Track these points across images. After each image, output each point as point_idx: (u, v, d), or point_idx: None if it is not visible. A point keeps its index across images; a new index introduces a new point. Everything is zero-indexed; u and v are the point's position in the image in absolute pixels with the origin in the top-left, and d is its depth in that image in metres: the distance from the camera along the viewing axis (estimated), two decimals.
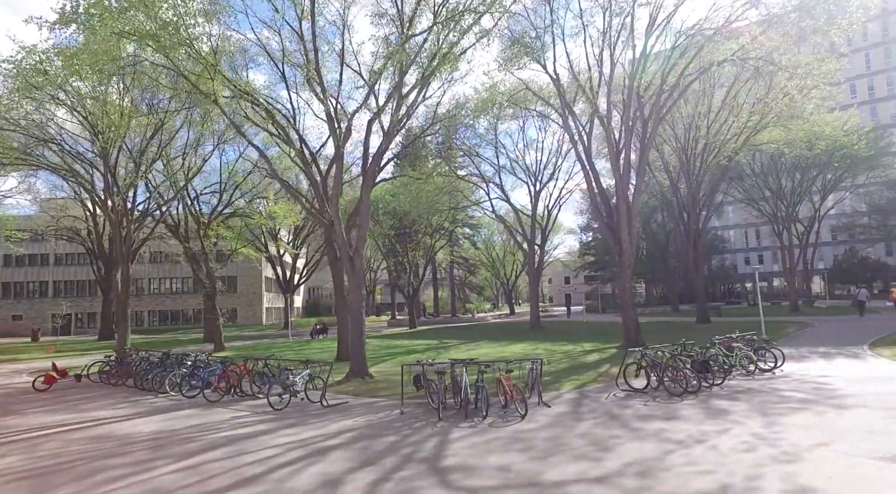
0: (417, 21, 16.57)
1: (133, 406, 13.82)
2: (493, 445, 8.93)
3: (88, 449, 9.54)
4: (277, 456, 8.67)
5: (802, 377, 14.46)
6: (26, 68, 17.37)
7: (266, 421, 11.33)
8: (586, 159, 23.72)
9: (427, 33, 15.98)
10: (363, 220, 17.32)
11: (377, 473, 7.65)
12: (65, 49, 15.25)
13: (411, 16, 16.41)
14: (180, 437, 10.19)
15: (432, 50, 17.19)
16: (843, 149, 31.33)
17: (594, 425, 10.05)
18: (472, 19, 14.65)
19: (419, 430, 10.17)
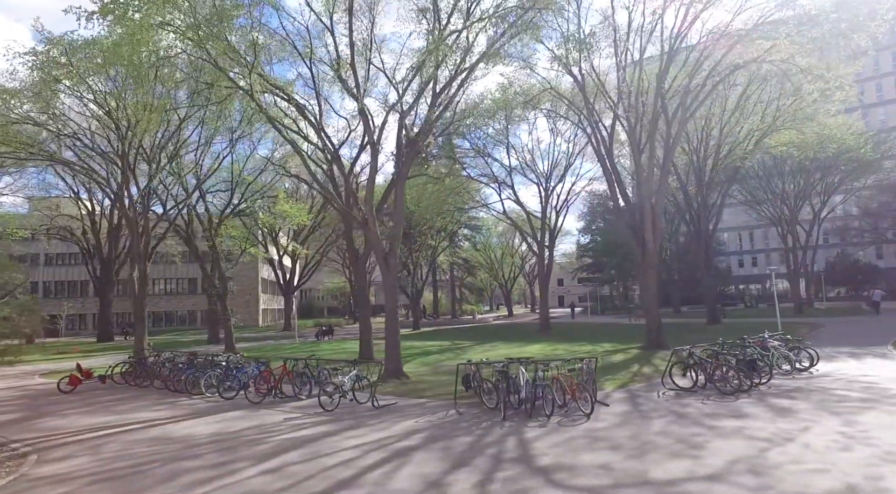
0: (455, 17, 16.39)
1: (172, 407, 13.42)
2: (577, 444, 8.78)
3: (154, 451, 9.19)
4: (359, 459, 8.41)
5: (844, 376, 14.50)
6: (49, 61, 16.81)
7: (323, 423, 11.04)
8: (608, 160, 23.74)
9: (464, 30, 15.81)
10: (397, 220, 17.08)
11: (476, 474, 7.45)
12: (100, 40, 14.77)
13: (450, 12, 16.24)
14: (244, 439, 9.87)
15: (465, 47, 17.05)
16: (848, 152, 31.88)
17: (667, 423, 9.94)
18: (518, 15, 14.51)
19: (489, 430, 9.98)
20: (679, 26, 20.01)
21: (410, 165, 17.98)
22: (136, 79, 14.67)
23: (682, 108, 21.14)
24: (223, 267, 28.43)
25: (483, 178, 35.01)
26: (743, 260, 75.36)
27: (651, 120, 21.58)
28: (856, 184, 42.20)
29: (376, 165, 17.45)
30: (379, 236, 17.23)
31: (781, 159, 34.87)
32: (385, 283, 17.03)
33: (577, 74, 22.51)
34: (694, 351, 14.05)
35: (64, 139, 21.11)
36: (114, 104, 19.31)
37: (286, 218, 30.72)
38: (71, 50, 16.64)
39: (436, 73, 17.33)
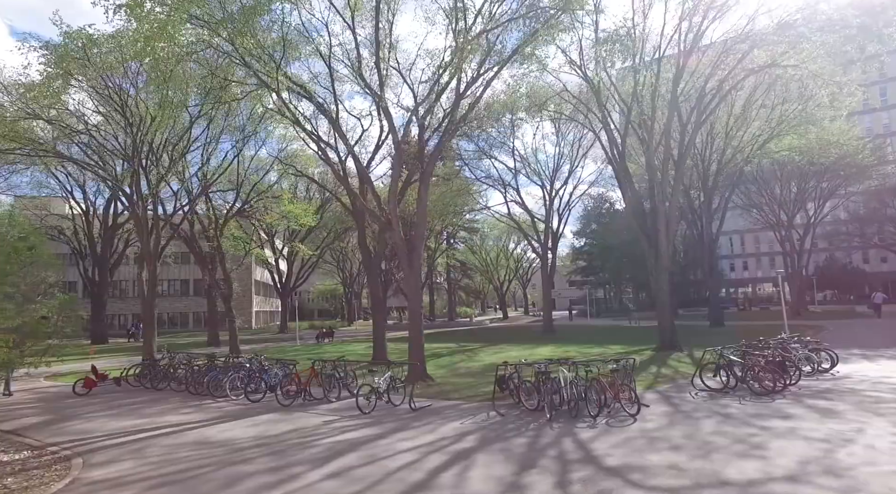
0: (481, 17, 16.31)
1: (200, 410, 13.11)
2: (636, 445, 8.72)
3: (201, 455, 8.93)
4: (421, 461, 8.25)
5: (867, 378, 14.62)
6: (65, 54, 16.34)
7: (365, 425, 10.85)
8: (620, 163, 23.85)
9: (493, 29, 15.75)
10: (421, 220, 16.94)
11: (549, 475, 7.35)
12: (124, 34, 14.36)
13: (478, 10, 16.15)
14: (290, 443, 9.64)
15: (486, 47, 17.01)
16: (848, 157, 32.49)
17: (716, 424, 9.92)
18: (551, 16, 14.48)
19: (539, 431, 9.89)
20: (696, 31, 20.16)
21: (434, 165, 17.84)
22: (162, 74, 14.27)
23: (697, 112, 21.34)
24: (229, 268, 27.95)
25: (488, 180, 35.04)
26: (734, 263, 76.28)
27: (666, 123, 21.72)
28: (850, 189, 42.95)
29: (400, 165, 17.30)
30: (402, 237, 17.04)
31: (781, 163, 35.38)
32: (409, 284, 16.86)
33: (592, 77, 22.59)
34: (725, 353, 14.14)
35: (76, 136, 20.56)
36: (128, 101, 18.85)
37: (292, 218, 30.39)
38: (90, 43, 16.24)
39: (460, 74, 17.25)
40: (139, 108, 19.68)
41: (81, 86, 18.76)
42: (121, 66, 17.99)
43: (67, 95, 19.06)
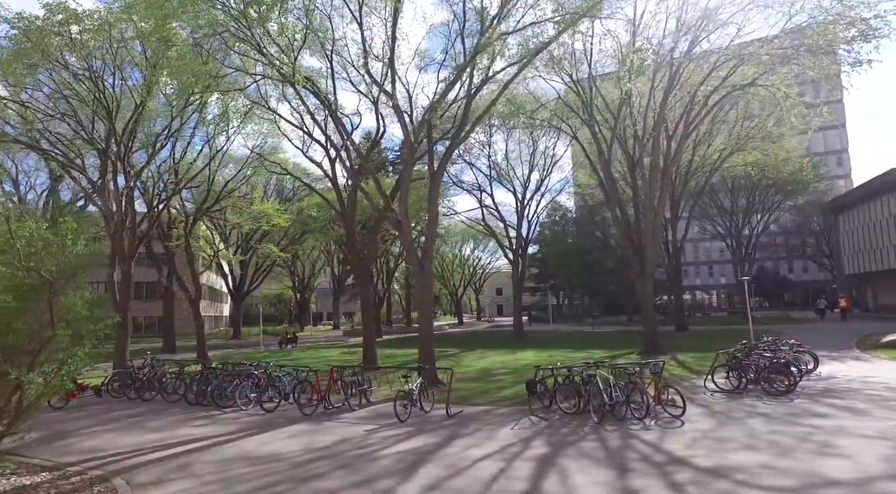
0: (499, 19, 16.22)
1: (215, 422, 12.07)
2: (707, 445, 8.81)
3: (261, 472, 8.15)
4: (510, 469, 7.93)
5: (853, 377, 15.51)
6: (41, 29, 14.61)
7: (415, 433, 10.36)
8: (604, 172, 24.47)
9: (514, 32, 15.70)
10: (431, 221, 16.55)
11: (654, 477, 7.26)
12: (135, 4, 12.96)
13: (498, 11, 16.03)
14: (351, 455, 9.01)
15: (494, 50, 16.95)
16: (795, 173, 35.05)
17: (765, 423, 10.19)
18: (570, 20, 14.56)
19: (599, 434, 9.80)
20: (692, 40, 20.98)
21: (445, 167, 17.51)
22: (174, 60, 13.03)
23: (685, 124, 22.28)
24: (196, 270, 26.16)
25: (463, 185, 34.98)
26: (686, 270, 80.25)
27: (655, 133, 22.50)
28: (788, 203, 46.33)
29: (412, 165, 16.84)
30: (412, 238, 16.56)
31: (734, 177, 37.63)
32: (420, 286, 16.39)
33: (583, 88, 23.06)
34: (737, 355, 14.71)
35: (48, 122, 18.45)
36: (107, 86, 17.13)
37: (263, 219, 29.04)
38: (75, 19, 14.65)
39: (472, 74, 17.09)
40: (116, 95, 18.03)
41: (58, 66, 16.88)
42: (105, 47, 16.38)
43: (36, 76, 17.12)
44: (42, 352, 5.15)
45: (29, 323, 5.11)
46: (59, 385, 5.48)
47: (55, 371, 5.33)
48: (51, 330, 5.25)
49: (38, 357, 5.12)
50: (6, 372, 4.84)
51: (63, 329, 5.57)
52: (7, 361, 4.89)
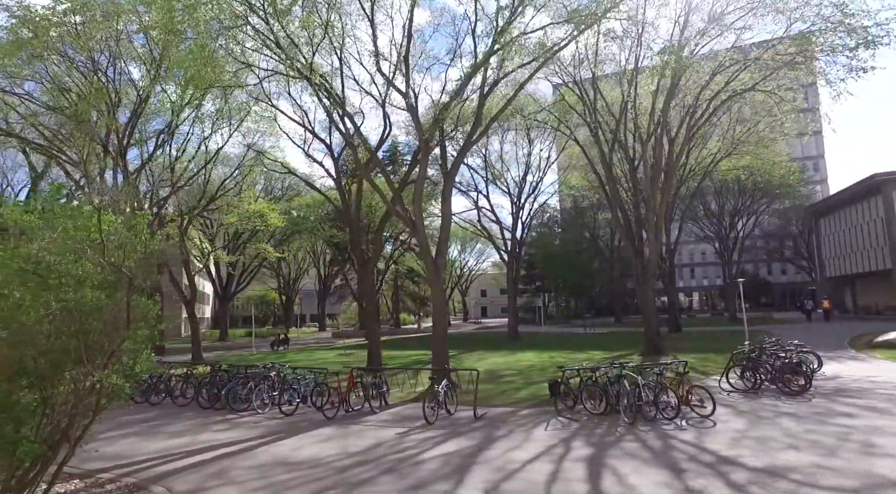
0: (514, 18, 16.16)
1: (235, 426, 11.72)
2: (750, 445, 8.83)
3: (306, 477, 7.90)
4: (562, 472, 7.84)
5: (857, 377, 15.83)
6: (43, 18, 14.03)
7: (449, 436, 10.19)
8: (606, 174, 24.64)
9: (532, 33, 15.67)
10: (445, 222, 16.40)
11: (711, 478, 7.23)
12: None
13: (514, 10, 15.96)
14: (391, 459, 8.80)
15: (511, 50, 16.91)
16: (783, 177, 35.88)
17: (797, 422, 10.28)
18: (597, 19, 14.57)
19: (636, 434, 9.77)
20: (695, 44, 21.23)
21: (459, 165, 17.37)
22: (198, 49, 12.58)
23: (687, 127, 22.57)
24: (190, 271, 25.52)
25: (460, 186, 34.91)
26: None
27: (658, 136, 22.74)
28: (773, 207, 47.38)
29: (426, 164, 16.66)
30: (427, 239, 16.39)
31: (723, 181, 38.33)
32: (434, 288, 16.22)
33: (585, 89, 23.18)
34: (752, 355, 14.88)
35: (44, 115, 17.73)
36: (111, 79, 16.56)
37: (256, 218, 28.52)
38: (81, 9, 14.10)
39: (485, 74, 17.01)
40: (118, 89, 17.46)
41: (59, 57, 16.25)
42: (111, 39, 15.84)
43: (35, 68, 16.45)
44: (115, 353, 4.86)
45: (105, 322, 4.82)
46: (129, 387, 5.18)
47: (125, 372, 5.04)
48: (126, 330, 4.96)
49: (111, 358, 4.82)
50: (90, 373, 4.56)
51: (140, 329, 5.27)
52: (90, 362, 4.59)
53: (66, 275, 4.74)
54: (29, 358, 4.44)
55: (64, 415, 4.69)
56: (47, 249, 4.79)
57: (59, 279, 4.72)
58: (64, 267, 4.76)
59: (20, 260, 4.66)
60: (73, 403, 4.65)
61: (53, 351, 4.55)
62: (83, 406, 4.73)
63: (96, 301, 4.62)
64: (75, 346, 4.57)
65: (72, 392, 4.67)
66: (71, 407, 4.67)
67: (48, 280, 4.69)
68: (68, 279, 4.73)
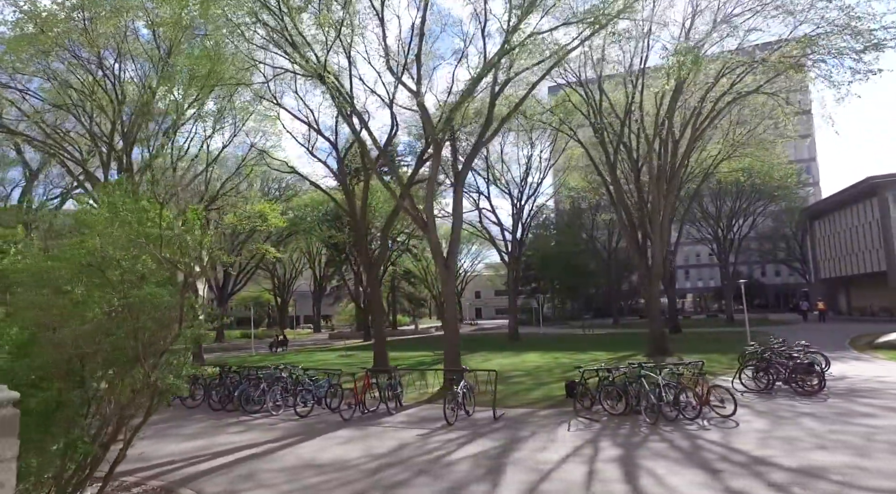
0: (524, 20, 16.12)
1: (251, 428, 11.54)
2: (777, 445, 8.80)
3: (338, 480, 7.76)
4: (599, 472, 7.76)
5: (866, 377, 15.98)
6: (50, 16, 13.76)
7: (472, 437, 10.08)
8: (611, 176, 24.68)
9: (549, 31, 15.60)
10: (457, 222, 16.31)
11: (747, 478, 7.19)
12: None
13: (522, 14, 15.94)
14: (420, 460, 8.69)
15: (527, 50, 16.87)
16: (782, 179, 36.16)
17: (821, 423, 10.27)
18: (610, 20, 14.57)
19: (661, 434, 9.72)
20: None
21: (471, 165, 17.29)
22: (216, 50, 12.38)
23: (692, 128, 22.65)
24: None
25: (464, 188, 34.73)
26: None
27: (664, 137, 22.80)
28: (771, 209, 47.74)
29: (438, 163, 16.55)
30: (439, 239, 16.28)
31: (721, 182, 38.53)
32: (446, 288, 16.12)
33: (590, 90, 23.20)
34: (766, 355, 14.91)
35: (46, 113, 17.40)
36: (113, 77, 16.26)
37: (257, 219, 28.27)
38: (90, 4, 13.84)
39: (496, 74, 16.95)
40: (124, 86, 17.19)
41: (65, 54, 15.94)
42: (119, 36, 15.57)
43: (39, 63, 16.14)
44: (166, 352, 4.72)
45: (160, 320, 4.67)
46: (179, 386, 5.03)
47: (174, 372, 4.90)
48: (178, 329, 4.82)
49: (161, 357, 4.68)
50: (147, 373, 4.41)
51: (191, 327, 5.12)
52: (145, 361, 4.44)
53: (129, 271, 4.59)
54: (82, 356, 4.29)
55: (114, 415, 4.54)
56: (113, 243, 4.64)
57: (121, 275, 4.58)
58: (127, 263, 4.62)
59: (85, 254, 4.51)
60: (125, 403, 4.50)
61: (108, 350, 4.41)
62: (134, 405, 4.58)
63: (159, 298, 4.48)
64: (132, 345, 4.43)
65: (122, 391, 4.52)
66: (122, 408, 4.52)
67: (110, 276, 4.54)
68: (130, 275, 4.58)
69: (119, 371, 4.54)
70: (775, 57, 19.36)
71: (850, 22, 18.81)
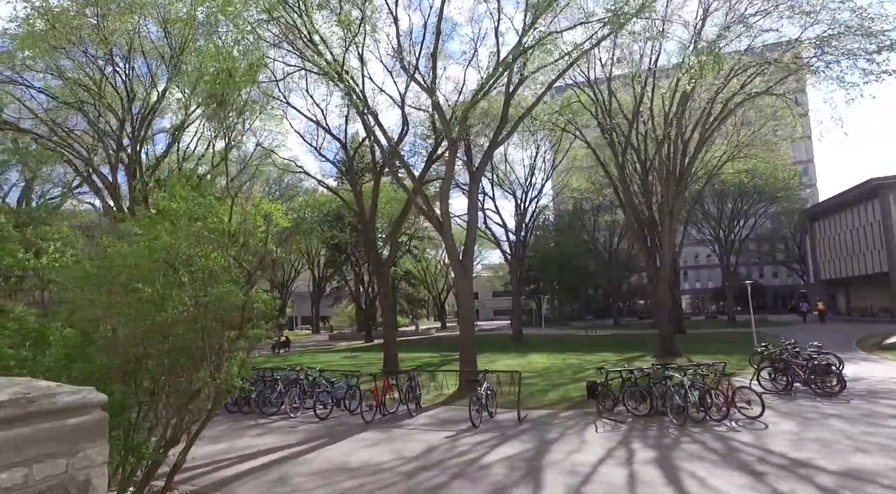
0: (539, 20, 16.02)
1: (270, 431, 11.34)
2: (811, 447, 8.72)
3: (374, 484, 7.59)
4: (639, 474, 7.64)
5: (882, 379, 16.00)
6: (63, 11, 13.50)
7: (501, 440, 9.93)
8: (620, 177, 24.62)
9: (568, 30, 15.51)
10: (472, 222, 16.17)
11: (792, 481, 7.07)
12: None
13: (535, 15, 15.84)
14: (453, 464, 8.54)
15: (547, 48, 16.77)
16: (786, 180, 36.30)
17: (850, 424, 10.19)
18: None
19: (691, 436, 9.61)
20: None
21: (486, 165, 17.16)
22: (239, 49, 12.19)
23: (702, 130, 22.62)
24: None
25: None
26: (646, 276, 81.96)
27: (674, 138, 22.77)
28: (772, 210, 47.89)
29: (454, 163, 16.38)
30: (453, 238, 16.12)
31: (725, 183, 38.62)
32: (462, 288, 15.97)
33: (599, 90, 23.14)
34: (784, 356, 14.85)
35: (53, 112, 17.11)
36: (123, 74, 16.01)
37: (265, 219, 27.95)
38: (103, 1, 13.61)
39: (511, 73, 16.84)
40: (134, 84, 16.94)
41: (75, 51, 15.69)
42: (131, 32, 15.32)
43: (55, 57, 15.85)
44: (229, 353, 4.54)
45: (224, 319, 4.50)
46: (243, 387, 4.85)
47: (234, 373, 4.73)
48: (245, 328, 4.65)
49: (223, 357, 4.50)
50: (214, 375, 4.24)
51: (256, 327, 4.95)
52: (210, 362, 4.28)
53: (201, 269, 4.42)
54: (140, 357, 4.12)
55: (172, 418, 4.37)
56: (190, 240, 4.46)
57: (196, 273, 4.40)
58: (202, 261, 4.44)
59: (162, 251, 4.32)
60: (186, 405, 4.33)
61: (170, 350, 4.24)
62: (196, 408, 4.41)
63: (235, 297, 4.31)
64: (199, 345, 4.26)
65: (183, 393, 4.35)
66: (182, 410, 4.35)
67: (181, 274, 4.37)
68: (201, 273, 4.41)
69: (181, 372, 4.37)
70: (788, 57, 19.35)
71: (863, 23, 18.83)
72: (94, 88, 16.30)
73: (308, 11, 12.60)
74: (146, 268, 4.27)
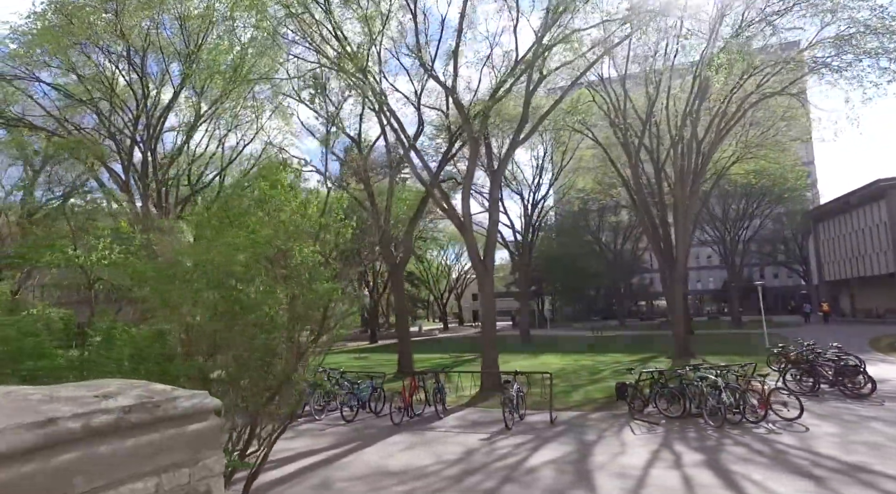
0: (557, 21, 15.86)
1: (298, 434, 11.10)
2: (861, 450, 8.56)
3: (421, 490, 7.38)
4: (694, 478, 7.46)
5: None
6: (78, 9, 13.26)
7: (537, 443, 9.75)
8: (633, 178, 24.50)
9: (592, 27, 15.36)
10: (493, 222, 15.98)
11: (858, 486, 6.92)
12: None
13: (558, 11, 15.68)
14: (496, 467, 8.34)
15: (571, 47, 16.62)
16: (793, 181, 36.25)
17: (891, 427, 10.06)
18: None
19: (733, 438, 9.44)
20: None
21: (506, 165, 16.99)
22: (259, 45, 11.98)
23: (716, 131, 22.50)
24: None
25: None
26: (648, 277, 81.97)
27: (688, 140, 22.64)
28: (777, 211, 47.86)
29: (475, 162, 16.20)
30: (475, 238, 15.93)
31: (732, 184, 38.55)
32: (483, 289, 15.77)
33: (613, 91, 23.01)
34: (810, 357, 14.71)
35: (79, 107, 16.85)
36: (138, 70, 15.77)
37: None
38: None
39: (531, 72, 16.67)
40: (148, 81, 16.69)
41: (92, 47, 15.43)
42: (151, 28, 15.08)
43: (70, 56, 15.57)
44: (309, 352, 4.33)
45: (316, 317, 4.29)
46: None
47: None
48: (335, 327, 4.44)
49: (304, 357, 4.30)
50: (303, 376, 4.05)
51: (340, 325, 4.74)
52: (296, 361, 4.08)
53: (301, 265, 4.21)
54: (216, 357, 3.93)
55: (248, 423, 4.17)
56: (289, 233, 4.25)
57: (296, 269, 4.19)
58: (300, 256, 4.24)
59: (263, 245, 4.10)
60: (264, 408, 4.13)
61: (257, 350, 4.03)
62: (275, 411, 4.21)
63: (337, 295, 4.10)
64: (287, 345, 4.06)
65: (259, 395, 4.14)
66: (259, 414, 4.14)
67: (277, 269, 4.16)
68: (302, 269, 4.20)
69: (262, 372, 4.16)
70: (806, 56, 19.27)
71: (884, 21, 18.73)
72: (107, 86, 16.06)
73: (331, 9, 12.41)
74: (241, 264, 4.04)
